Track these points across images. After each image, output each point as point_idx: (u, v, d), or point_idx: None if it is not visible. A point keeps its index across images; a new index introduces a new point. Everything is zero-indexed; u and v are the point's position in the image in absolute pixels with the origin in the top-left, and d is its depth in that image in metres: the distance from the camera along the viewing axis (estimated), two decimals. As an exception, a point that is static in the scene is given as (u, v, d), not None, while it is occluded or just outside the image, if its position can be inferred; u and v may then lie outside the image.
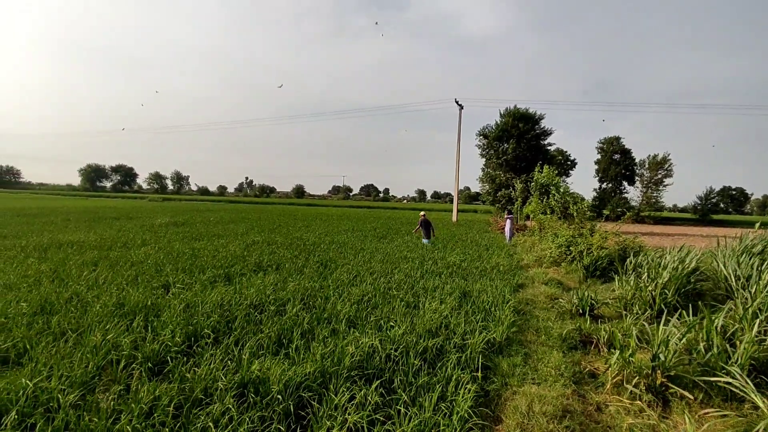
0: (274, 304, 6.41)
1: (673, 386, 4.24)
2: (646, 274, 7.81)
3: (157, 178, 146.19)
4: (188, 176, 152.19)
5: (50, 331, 4.99)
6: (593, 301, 7.20)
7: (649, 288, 7.16)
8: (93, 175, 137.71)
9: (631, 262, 9.11)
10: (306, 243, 14.34)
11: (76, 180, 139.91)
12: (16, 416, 3.21)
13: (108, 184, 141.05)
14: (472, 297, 7.49)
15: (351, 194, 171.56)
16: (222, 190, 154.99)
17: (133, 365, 4.17)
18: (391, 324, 5.61)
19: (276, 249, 12.48)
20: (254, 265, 9.61)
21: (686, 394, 4.15)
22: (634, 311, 6.92)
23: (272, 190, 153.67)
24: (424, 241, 15.63)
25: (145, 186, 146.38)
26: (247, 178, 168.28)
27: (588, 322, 6.45)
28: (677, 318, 5.61)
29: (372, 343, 4.72)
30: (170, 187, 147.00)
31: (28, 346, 4.51)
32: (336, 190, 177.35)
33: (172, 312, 5.70)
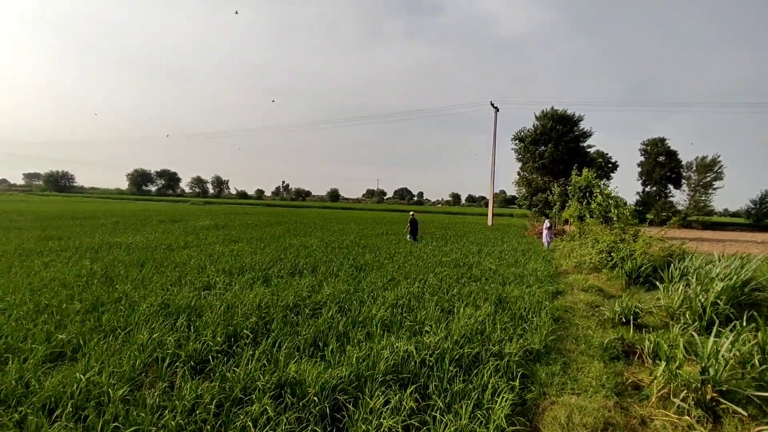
0: (310, 306, 6.52)
1: (725, 401, 4.01)
2: (695, 282, 7.43)
3: (198, 182, 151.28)
4: (228, 180, 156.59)
5: (101, 328, 5.27)
6: (637, 310, 6.91)
7: (699, 297, 6.80)
8: (139, 179, 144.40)
9: (677, 269, 8.70)
10: (341, 246, 14.51)
11: (124, 184, 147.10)
12: (71, 408, 3.41)
13: (153, 188, 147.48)
14: (509, 303, 7.35)
15: (385, 198, 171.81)
16: (260, 193, 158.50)
17: (177, 363, 4.34)
18: (426, 329, 5.58)
19: (312, 252, 12.69)
20: (291, 267, 9.81)
21: (739, 410, 3.91)
22: (682, 321, 6.59)
23: (308, 193, 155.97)
24: (408, 237, 17.83)
25: (187, 190, 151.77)
26: (283, 181, 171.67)
27: (631, 331, 6.21)
28: (730, 330, 5.31)
29: (407, 348, 4.71)
30: (211, 190, 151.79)
31: (81, 342, 4.78)
32: (370, 193, 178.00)
33: (214, 313, 5.90)
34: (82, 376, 3.80)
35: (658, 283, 8.66)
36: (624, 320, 6.83)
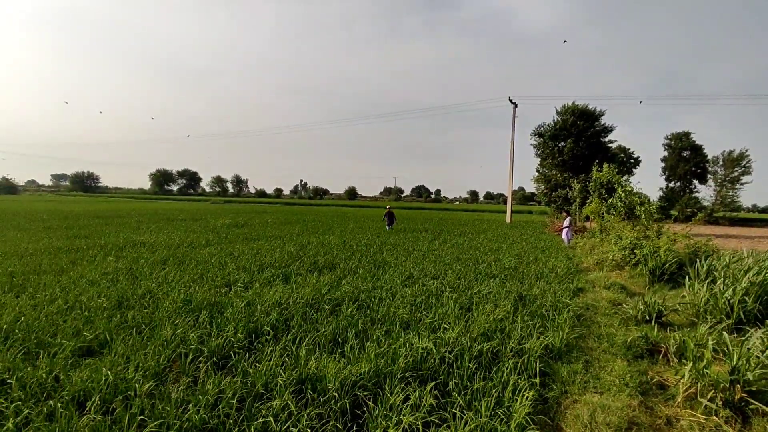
0: (329, 303, 6.56)
1: (755, 402, 3.89)
2: (721, 279, 7.22)
3: (218, 181, 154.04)
4: (247, 179, 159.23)
5: (127, 324, 5.41)
6: (661, 308, 6.75)
7: (726, 295, 6.61)
8: (161, 179, 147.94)
9: (703, 266, 8.46)
10: (359, 244, 14.55)
11: (146, 184, 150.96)
12: (98, 402, 3.50)
13: (175, 188, 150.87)
14: (529, 301, 7.27)
15: (402, 195, 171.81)
16: (278, 192, 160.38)
17: (200, 359, 4.43)
18: (445, 326, 5.56)
19: (330, 250, 12.76)
20: (310, 265, 9.88)
21: (769, 410, 3.80)
22: (709, 319, 6.42)
23: (325, 192, 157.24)
24: (388, 228, 21.39)
25: (207, 189, 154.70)
26: (301, 180, 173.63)
27: (655, 329, 6.06)
28: (764, 331, 5.15)
29: (426, 345, 4.70)
30: (231, 190, 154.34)
31: (108, 338, 4.91)
32: (387, 191, 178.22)
33: (235, 309, 5.99)
34: (109, 372, 3.89)
35: (683, 280, 8.46)
36: (648, 318, 6.68)
